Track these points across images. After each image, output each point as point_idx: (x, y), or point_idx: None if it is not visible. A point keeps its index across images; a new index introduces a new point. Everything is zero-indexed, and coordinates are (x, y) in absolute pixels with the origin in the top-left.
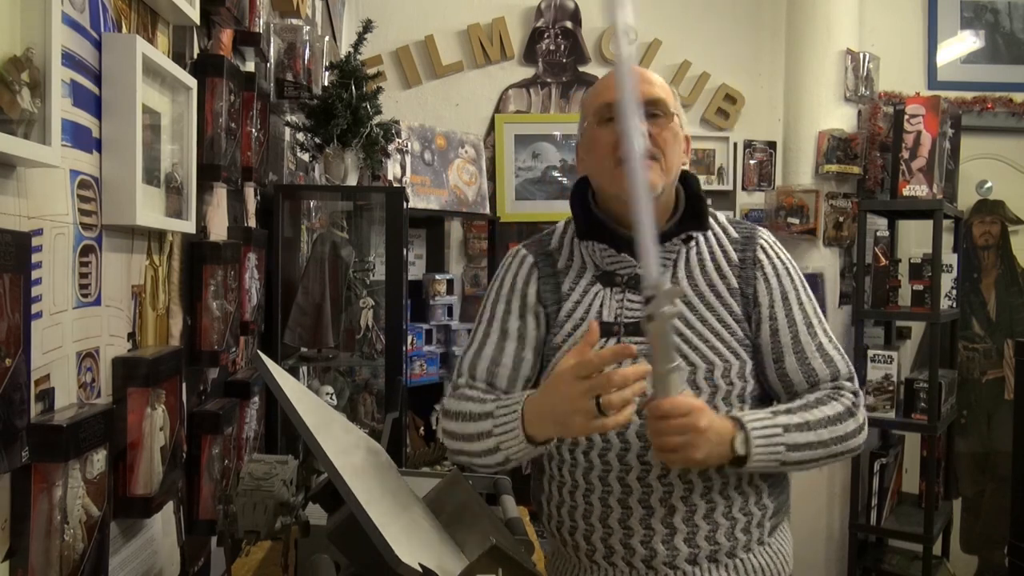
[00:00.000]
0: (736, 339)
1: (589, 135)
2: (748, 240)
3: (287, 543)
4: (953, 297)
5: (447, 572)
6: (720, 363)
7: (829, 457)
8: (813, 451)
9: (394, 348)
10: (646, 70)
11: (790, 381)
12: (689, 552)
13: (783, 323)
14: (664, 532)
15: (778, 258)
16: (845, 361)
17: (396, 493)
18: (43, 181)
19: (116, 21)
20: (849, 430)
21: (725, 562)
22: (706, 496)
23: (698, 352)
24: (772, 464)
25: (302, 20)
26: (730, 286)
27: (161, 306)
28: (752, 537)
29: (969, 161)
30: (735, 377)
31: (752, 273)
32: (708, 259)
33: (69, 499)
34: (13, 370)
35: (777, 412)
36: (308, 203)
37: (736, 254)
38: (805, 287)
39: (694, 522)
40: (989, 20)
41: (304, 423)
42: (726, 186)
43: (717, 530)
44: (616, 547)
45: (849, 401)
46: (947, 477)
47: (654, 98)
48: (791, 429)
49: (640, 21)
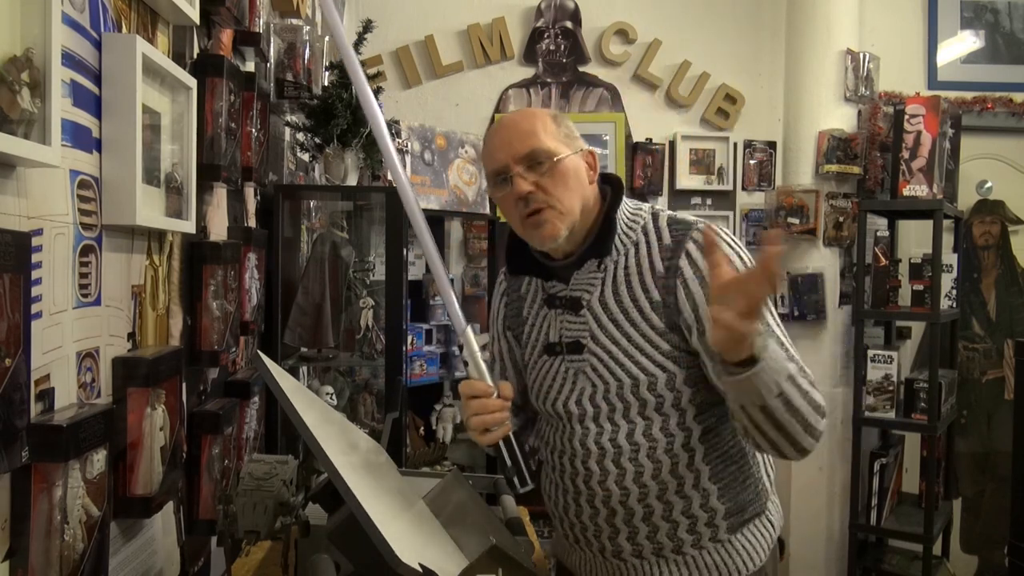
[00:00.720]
0: (661, 352)
1: (495, 198)
2: (677, 246)
3: (287, 543)
4: (953, 297)
5: (447, 572)
6: (644, 377)
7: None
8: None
9: (394, 348)
10: (521, 115)
11: None
12: (632, 548)
13: (708, 327)
14: (609, 530)
15: (704, 260)
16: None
17: (396, 493)
18: (43, 181)
19: (116, 21)
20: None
21: (672, 558)
22: (643, 501)
23: (623, 368)
24: (766, 391)
25: (302, 20)
26: (652, 300)
27: (161, 306)
28: (702, 536)
29: (969, 161)
30: (664, 389)
31: (673, 283)
32: (635, 273)
33: (69, 499)
34: (13, 370)
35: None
36: (308, 203)
37: (663, 264)
38: None
39: (633, 524)
40: (989, 20)
41: (304, 423)
42: (726, 186)
43: (657, 531)
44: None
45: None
46: (947, 477)
47: (528, 151)
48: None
49: (640, 21)
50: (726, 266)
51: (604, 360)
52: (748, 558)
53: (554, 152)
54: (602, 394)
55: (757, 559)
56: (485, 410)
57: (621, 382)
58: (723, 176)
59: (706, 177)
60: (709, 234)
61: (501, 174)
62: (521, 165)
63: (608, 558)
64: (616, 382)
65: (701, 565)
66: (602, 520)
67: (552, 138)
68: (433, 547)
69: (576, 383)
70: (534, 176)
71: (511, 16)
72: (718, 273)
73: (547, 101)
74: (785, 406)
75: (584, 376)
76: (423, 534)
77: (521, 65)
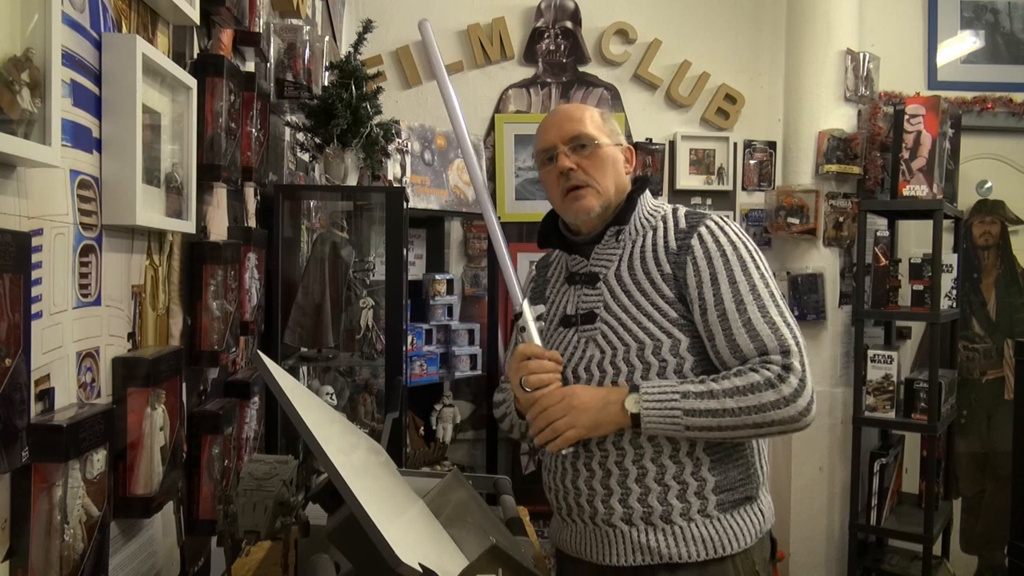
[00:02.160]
0: (668, 319)
1: (540, 176)
2: (691, 228)
3: (287, 543)
4: (953, 297)
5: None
6: (650, 342)
7: (748, 428)
8: (718, 418)
9: (394, 348)
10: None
11: (722, 359)
12: (623, 512)
13: (710, 303)
14: (603, 492)
15: (715, 242)
16: (776, 336)
17: (396, 493)
18: (43, 181)
19: (116, 21)
20: (765, 401)
21: (661, 526)
22: (637, 462)
23: (631, 334)
24: (673, 428)
25: (302, 20)
26: (663, 272)
27: (161, 306)
28: (691, 506)
29: (969, 161)
30: (667, 354)
31: (684, 259)
32: (650, 251)
33: (69, 499)
34: (13, 370)
35: (685, 382)
36: (308, 203)
37: (676, 243)
38: (746, 267)
39: (627, 485)
40: (989, 20)
41: (304, 423)
42: (726, 186)
43: (648, 494)
44: (572, 504)
45: (772, 372)
46: (947, 477)
47: (576, 134)
48: (691, 396)
49: (640, 21)
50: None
51: (614, 327)
52: (735, 537)
53: (596, 138)
54: (609, 359)
55: (743, 541)
56: (542, 369)
57: (628, 346)
58: (723, 176)
59: (706, 177)
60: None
61: (548, 152)
62: (567, 146)
63: (599, 524)
64: (624, 346)
65: (688, 537)
66: (597, 482)
67: (596, 128)
68: (433, 547)
69: (586, 350)
70: (576, 157)
71: (511, 16)
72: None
73: (547, 101)
74: (708, 428)
75: (594, 343)
76: (423, 534)
77: (521, 65)
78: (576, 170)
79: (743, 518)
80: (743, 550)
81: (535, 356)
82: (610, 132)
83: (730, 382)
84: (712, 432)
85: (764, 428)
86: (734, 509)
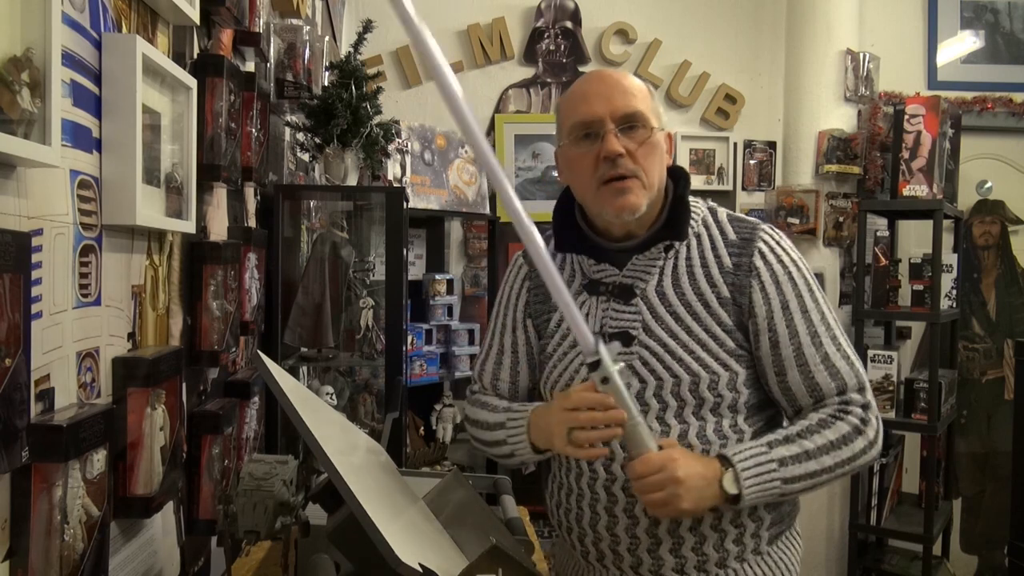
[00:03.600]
0: (726, 350)
1: (567, 154)
2: (746, 243)
3: (287, 543)
4: (953, 297)
5: (447, 572)
6: (706, 375)
7: (835, 478)
8: (815, 479)
9: (394, 348)
10: (620, 74)
11: (793, 396)
12: (675, 562)
13: (784, 335)
14: (649, 542)
15: (779, 262)
16: (853, 371)
17: (396, 493)
18: (43, 181)
19: (116, 21)
20: (857, 450)
21: (715, 572)
22: None
23: (682, 364)
24: (769, 497)
25: (302, 20)
26: (720, 295)
27: (161, 306)
28: (746, 548)
29: (969, 161)
30: (724, 389)
31: (747, 281)
32: (698, 265)
33: (69, 499)
34: (13, 370)
35: (773, 444)
36: (308, 203)
37: (731, 259)
38: (812, 291)
39: (679, 533)
40: (989, 20)
41: (304, 423)
42: (726, 186)
43: (704, 542)
44: (606, 552)
45: (857, 419)
46: (947, 477)
47: (631, 111)
48: (788, 462)
49: (640, 21)
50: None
51: (659, 354)
52: (786, 569)
53: (650, 121)
54: (653, 391)
55: (794, 570)
56: (602, 423)
57: (679, 378)
58: (723, 176)
59: (706, 177)
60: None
61: (590, 128)
62: (617, 124)
63: (643, 574)
64: (673, 378)
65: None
66: (641, 531)
67: (649, 108)
68: (433, 547)
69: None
70: (626, 140)
71: (511, 16)
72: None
73: (547, 101)
74: (804, 490)
75: (631, 371)
76: (423, 534)
77: (521, 65)
78: (625, 157)
79: (788, 547)
80: None
81: (595, 406)
82: (656, 113)
83: (822, 437)
84: (806, 491)
85: (850, 473)
86: (778, 539)
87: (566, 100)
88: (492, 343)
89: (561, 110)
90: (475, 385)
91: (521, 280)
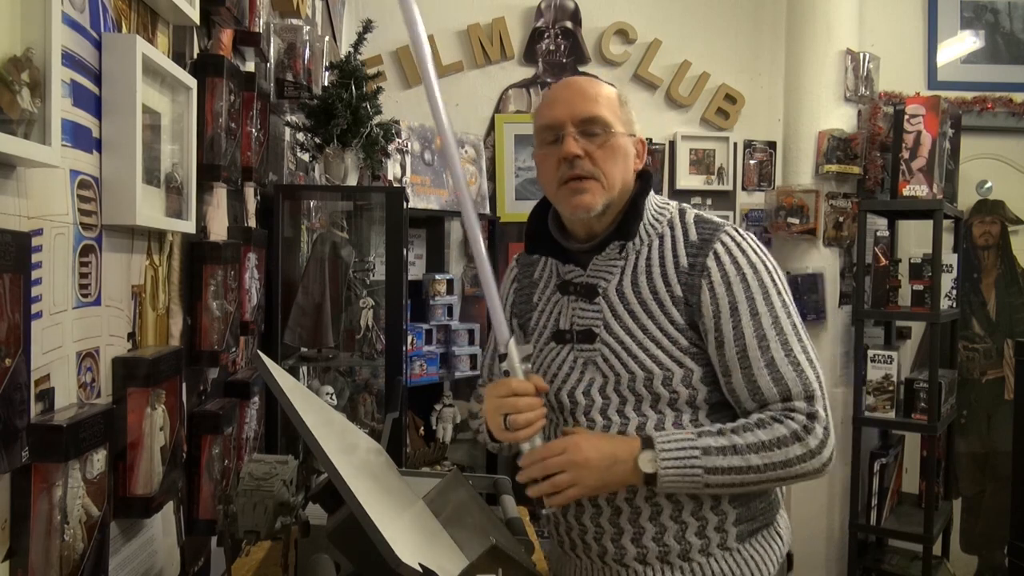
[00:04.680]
0: (679, 348)
1: (535, 155)
2: (704, 243)
3: (287, 543)
4: (953, 297)
5: (447, 572)
6: (660, 371)
7: (770, 482)
8: (742, 475)
9: (394, 348)
10: (588, 80)
11: (738, 398)
12: (637, 552)
13: (728, 336)
14: (612, 531)
15: (733, 263)
16: (801, 379)
17: (396, 493)
18: (43, 181)
19: (116, 21)
20: (792, 456)
21: (679, 564)
22: (651, 499)
23: (637, 360)
24: (691, 486)
25: (302, 20)
26: (673, 294)
27: (161, 306)
28: (711, 541)
29: (969, 161)
30: (679, 385)
31: (698, 281)
32: (657, 265)
33: (69, 499)
34: (13, 370)
35: (704, 434)
36: (308, 203)
37: (687, 259)
38: (768, 295)
39: (639, 523)
40: (989, 20)
41: (304, 423)
42: (726, 186)
43: (664, 532)
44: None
45: (798, 424)
46: (947, 477)
47: (590, 116)
48: (712, 452)
49: (640, 21)
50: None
51: (616, 351)
52: (757, 569)
53: (611, 125)
54: (613, 385)
55: (767, 570)
56: (530, 408)
57: (634, 374)
58: (723, 176)
59: (706, 177)
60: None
61: (553, 130)
62: (577, 128)
63: (609, 563)
64: (628, 374)
65: (709, 573)
66: (605, 520)
67: (612, 112)
68: (433, 547)
69: (584, 373)
70: (586, 143)
71: (511, 16)
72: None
73: None
74: (729, 485)
75: (594, 366)
76: (423, 534)
77: (521, 65)
78: (583, 158)
79: (763, 546)
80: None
81: (523, 394)
82: (625, 119)
83: (754, 435)
84: (733, 488)
85: (786, 481)
86: (752, 537)
87: (539, 108)
88: (490, 340)
89: (536, 111)
90: (480, 381)
91: (511, 281)
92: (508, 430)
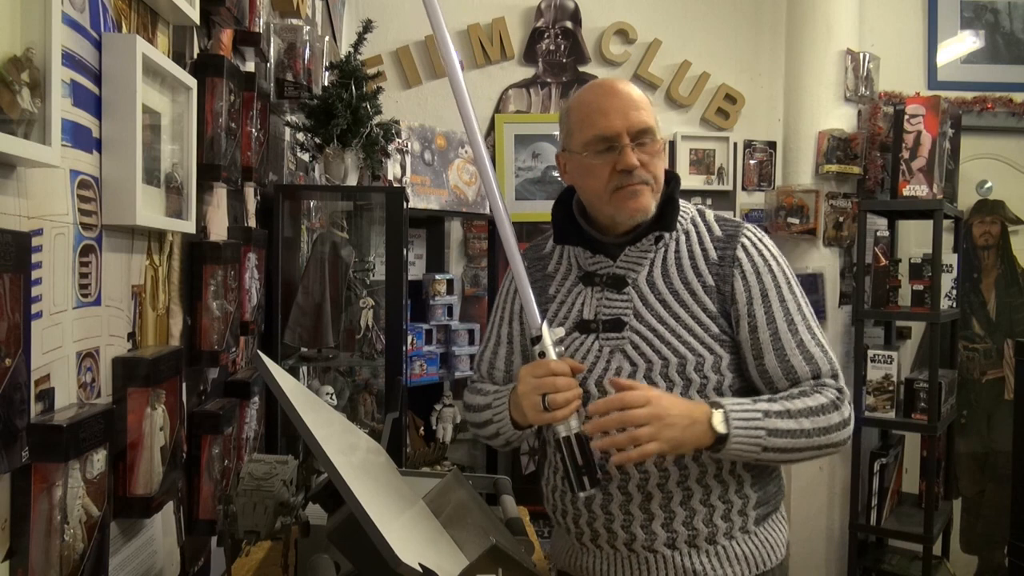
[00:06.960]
0: (711, 335)
1: (584, 163)
2: (731, 238)
3: (287, 543)
4: (953, 297)
5: (447, 572)
6: (692, 357)
7: (812, 449)
8: (795, 439)
9: (394, 348)
10: (629, 86)
11: (770, 378)
12: (667, 536)
13: (761, 320)
14: (642, 517)
15: (760, 255)
16: (828, 359)
17: (396, 493)
18: (43, 181)
19: (116, 21)
20: (833, 422)
21: (705, 548)
22: (682, 484)
23: (670, 347)
24: (753, 448)
25: (302, 20)
26: (705, 284)
27: (161, 306)
28: (734, 525)
29: (969, 161)
30: (709, 371)
31: (730, 271)
32: (686, 257)
33: (69, 499)
34: (13, 370)
35: (758, 400)
36: (308, 203)
37: (716, 252)
38: (791, 284)
39: (671, 508)
40: (989, 20)
41: (304, 423)
42: (726, 186)
43: (694, 516)
44: (600, 531)
45: (832, 395)
46: (947, 477)
47: (644, 127)
48: (771, 415)
49: (640, 21)
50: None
51: (648, 338)
52: (772, 550)
53: (656, 132)
54: (643, 372)
55: (779, 551)
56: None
57: (667, 360)
58: (723, 176)
59: (706, 177)
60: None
61: (608, 141)
62: (633, 139)
63: (636, 550)
64: (661, 360)
65: (732, 556)
66: (635, 507)
67: (653, 118)
68: (433, 547)
69: (611, 361)
70: (640, 152)
71: (511, 16)
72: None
73: (547, 101)
74: (783, 450)
75: (622, 354)
76: (423, 534)
77: (521, 65)
78: (640, 168)
79: (775, 528)
80: (780, 562)
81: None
82: (657, 121)
83: (803, 402)
84: (784, 455)
85: (824, 451)
86: (766, 520)
87: (579, 110)
88: (491, 334)
89: (573, 119)
90: (474, 375)
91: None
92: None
